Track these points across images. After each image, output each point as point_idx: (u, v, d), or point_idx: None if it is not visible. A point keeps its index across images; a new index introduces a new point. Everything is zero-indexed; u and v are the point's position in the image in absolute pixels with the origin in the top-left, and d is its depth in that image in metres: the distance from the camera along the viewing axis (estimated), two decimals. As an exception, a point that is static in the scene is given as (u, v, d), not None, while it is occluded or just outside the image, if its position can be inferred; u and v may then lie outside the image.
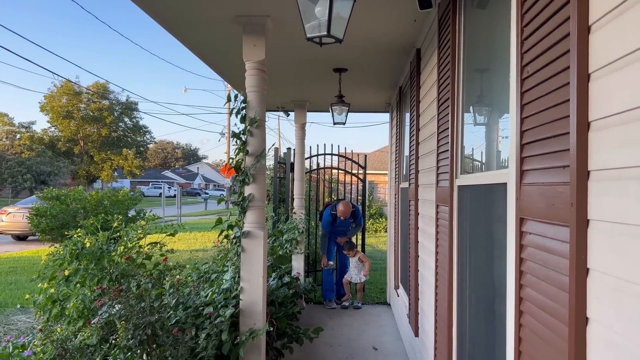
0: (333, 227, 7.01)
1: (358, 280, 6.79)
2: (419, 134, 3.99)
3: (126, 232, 4.09)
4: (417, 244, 4.00)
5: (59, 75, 33.94)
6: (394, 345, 5.09)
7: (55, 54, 50.50)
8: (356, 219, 7.14)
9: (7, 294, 7.66)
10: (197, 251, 12.36)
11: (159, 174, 70.34)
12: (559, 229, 1.29)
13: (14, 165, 37.41)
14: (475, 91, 2.62)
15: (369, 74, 5.21)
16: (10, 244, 14.64)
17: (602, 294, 1.11)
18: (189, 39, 4.00)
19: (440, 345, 2.90)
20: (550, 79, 1.35)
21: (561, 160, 1.27)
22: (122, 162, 42.26)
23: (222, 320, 3.15)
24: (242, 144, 3.36)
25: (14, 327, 5.76)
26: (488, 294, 2.24)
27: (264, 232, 3.38)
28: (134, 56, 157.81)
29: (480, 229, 2.40)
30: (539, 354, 1.42)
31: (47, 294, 3.87)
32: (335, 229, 7.07)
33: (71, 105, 39.45)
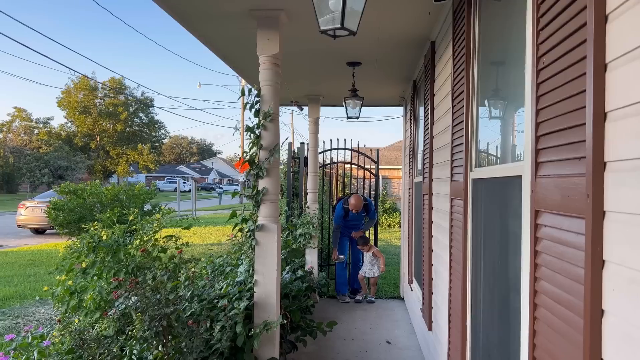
0: (345, 221, 6.96)
1: (372, 275, 6.79)
2: (433, 128, 3.97)
3: (142, 226, 4.14)
4: (431, 238, 3.99)
5: (75, 71, 34.52)
6: (407, 339, 5.09)
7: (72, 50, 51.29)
8: (369, 212, 7.09)
9: (26, 286, 7.80)
10: (211, 245, 12.46)
11: (174, 168, 70.95)
12: (575, 221, 1.27)
13: (32, 160, 38.04)
14: (491, 83, 2.60)
15: (382, 67, 5.19)
16: (29, 237, 14.90)
17: (618, 286, 1.10)
18: (203, 33, 4.02)
19: (454, 339, 2.90)
20: (567, 70, 1.34)
21: (577, 151, 1.26)
22: (138, 157, 42.72)
23: (236, 313, 3.18)
24: (255, 138, 3.37)
25: (33, 318, 5.87)
26: (502, 287, 2.23)
27: (277, 226, 3.40)
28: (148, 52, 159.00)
29: (495, 222, 2.39)
30: (554, 346, 1.41)
31: (65, 286, 3.93)
32: (348, 224, 7.01)
33: (87, 101, 39.94)
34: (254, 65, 3.51)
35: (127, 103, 41.99)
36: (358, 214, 6.98)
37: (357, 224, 7.10)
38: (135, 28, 74.41)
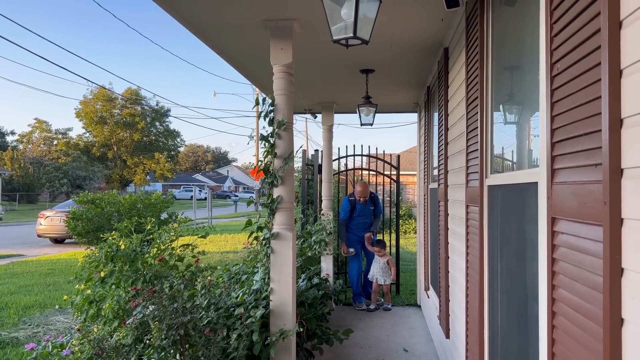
0: (353, 215, 6.78)
1: (384, 283, 6.65)
2: (448, 134, 3.96)
3: (159, 235, 4.18)
4: (447, 245, 3.96)
5: (92, 82, 34.89)
6: (424, 346, 5.05)
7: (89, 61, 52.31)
8: (376, 207, 6.93)
9: (46, 295, 7.91)
10: (227, 253, 12.52)
11: (190, 177, 71.56)
12: (592, 228, 1.26)
13: (51, 171, 38.69)
14: (505, 89, 2.58)
15: (396, 74, 5.19)
16: (49, 246, 15.12)
17: (637, 294, 1.09)
18: (217, 44, 4.06)
19: (472, 347, 2.87)
20: (581, 76, 1.33)
21: (593, 158, 1.25)
22: (154, 166, 43.22)
23: (252, 321, 3.19)
24: (270, 146, 3.40)
25: (53, 327, 5.95)
26: (520, 295, 2.20)
27: (292, 234, 3.41)
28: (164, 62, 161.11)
29: (511, 229, 2.37)
30: (573, 355, 1.39)
31: (84, 295, 3.98)
32: (355, 220, 6.82)
33: (105, 111, 40.57)
34: (268, 74, 3.54)
35: (144, 113, 42.55)
36: (366, 207, 6.77)
37: (365, 221, 6.86)
38: (150, 39, 75.53)
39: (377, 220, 7.02)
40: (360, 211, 6.80)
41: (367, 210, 6.83)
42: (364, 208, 6.79)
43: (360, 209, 6.79)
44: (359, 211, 6.80)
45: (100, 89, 38.47)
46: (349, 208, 6.79)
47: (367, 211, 6.83)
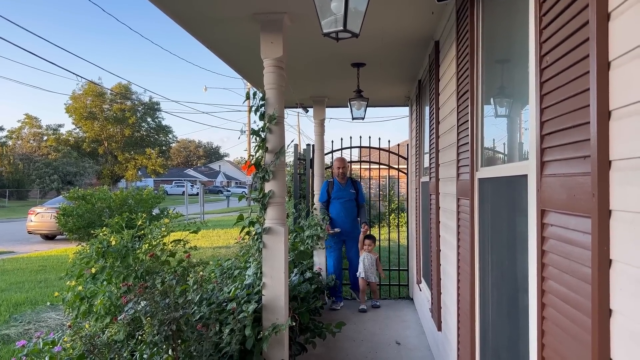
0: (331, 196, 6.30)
1: (374, 280, 6.38)
2: (439, 127, 3.96)
3: (150, 230, 4.16)
4: (439, 238, 3.98)
5: (82, 77, 34.57)
6: (417, 339, 5.08)
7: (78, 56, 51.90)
8: (358, 193, 6.42)
9: (37, 291, 7.87)
10: (220, 248, 12.50)
11: (182, 172, 71.28)
12: (581, 220, 1.27)
13: (41, 167, 38.38)
14: (495, 82, 2.59)
15: (387, 68, 5.19)
16: (40, 243, 15.03)
17: (625, 285, 1.10)
18: (207, 38, 4.04)
19: (463, 339, 2.89)
20: (570, 68, 1.33)
21: (582, 150, 1.26)
22: (146, 162, 42.97)
23: (245, 316, 3.19)
24: (261, 141, 3.38)
25: (44, 323, 5.92)
26: (510, 287, 2.22)
27: (284, 228, 3.40)
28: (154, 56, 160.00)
29: (502, 221, 2.38)
30: (562, 346, 1.40)
31: (75, 292, 3.97)
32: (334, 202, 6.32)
33: (94, 106, 40.24)
34: (259, 68, 3.53)
35: (135, 108, 42.25)
36: (345, 188, 6.29)
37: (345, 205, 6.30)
38: (140, 33, 74.88)
39: (362, 210, 6.52)
40: (338, 191, 6.32)
41: (346, 192, 6.32)
42: (342, 188, 6.32)
43: (338, 188, 6.32)
44: (336, 191, 6.32)
45: (90, 84, 38.12)
46: (326, 188, 6.37)
47: (347, 193, 6.32)
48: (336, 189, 6.31)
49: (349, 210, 6.35)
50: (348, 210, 6.34)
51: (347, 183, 6.36)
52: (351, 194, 6.34)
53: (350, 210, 6.37)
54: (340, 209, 6.32)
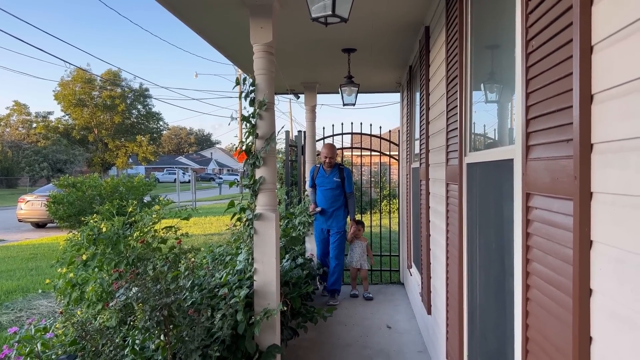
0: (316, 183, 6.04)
1: (365, 267, 6.28)
2: (429, 113, 3.98)
3: (141, 217, 4.16)
4: (429, 223, 4.01)
5: (71, 64, 34.17)
6: (407, 323, 5.14)
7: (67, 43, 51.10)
8: (345, 182, 5.97)
9: (28, 279, 7.85)
10: (212, 235, 12.51)
11: (173, 159, 70.93)
12: (564, 202, 1.29)
13: (30, 154, 38.02)
14: (484, 68, 2.60)
15: (377, 53, 5.18)
16: (30, 231, 14.95)
17: (605, 266, 1.12)
18: (196, 23, 4.00)
19: (452, 322, 2.93)
20: (554, 53, 1.34)
21: (565, 134, 1.27)
22: (137, 149, 42.68)
23: (236, 301, 3.21)
24: (251, 127, 3.38)
25: (37, 311, 5.93)
26: (497, 269, 2.25)
27: (275, 214, 3.42)
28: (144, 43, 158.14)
29: (490, 206, 2.41)
30: (545, 326, 1.44)
31: (66, 279, 3.97)
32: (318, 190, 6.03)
33: (84, 93, 39.79)
34: (249, 54, 3.50)
35: (124, 95, 41.83)
36: (329, 176, 5.92)
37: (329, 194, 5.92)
38: (130, 19, 73.76)
39: (350, 201, 6.04)
40: (320, 178, 5.99)
41: (328, 180, 5.92)
42: (324, 175, 5.96)
43: (322, 175, 5.97)
44: (319, 178, 6.00)
45: (79, 70, 37.64)
46: (312, 175, 6.11)
47: (329, 181, 5.92)
48: (319, 176, 6.01)
49: (330, 200, 5.94)
50: (329, 200, 5.94)
51: (333, 170, 5.95)
52: (335, 182, 5.91)
53: (333, 199, 5.94)
54: (321, 197, 6.02)
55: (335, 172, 5.94)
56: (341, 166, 6.04)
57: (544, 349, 1.44)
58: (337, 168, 5.98)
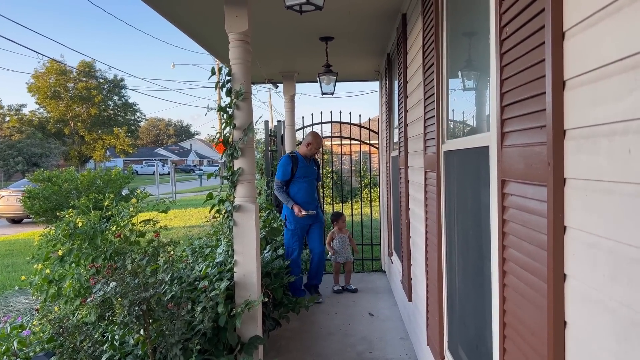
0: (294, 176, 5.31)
1: (349, 259, 6.07)
2: (407, 101, 3.98)
3: (118, 211, 4.10)
4: (408, 211, 4.03)
5: (44, 55, 33.26)
6: (389, 310, 5.19)
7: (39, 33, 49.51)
8: (318, 170, 5.70)
9: (4, 276, 7.70)
10: (192, 227, 12.42)
11: (152, 151, 70.04)
12: (538, 188, 1.30)
13: (4, 149, 37.13)
14: (461, 55, 2.60)
15: (355, 41, 5.15)
16: (6, 227, 14.65)
17: (578, 251, 1.13)
18: (170, 12, 3.92)
19: (432, 308, 2.96)
20: (527, 39, 1.34)
21: (538, 120, 1.28)
22: (114, 141, 41.99)
23: (217, 293, 3.19)
24: (228, 117, 3.34)
25: (13, 308, 5.81)
26: (475, 256, 2.27)
27: (255, 206, 3.39)
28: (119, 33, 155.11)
29: (467, 193, 2.42)
30: (521, 311, 1.45)
31: (42, 275, 3.90)
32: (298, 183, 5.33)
33: (58, 85, 38.92)
34: (225, 43, 3.45)
35: (100, 86, 41.03)
36: (310, 166, 5.41)
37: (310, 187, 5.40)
38: (103, 9, 72.13)
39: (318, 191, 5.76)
40: (304, 171, 5.36)
41: (311, 171, 5.46)
42: (307, 166, 5.40)
43: (304, 168, 5.36)
44: (302, 170, 5.34)
45: (52, 62, 36.75)
46: (290, 166, 5.30)
47: (312, 172, 5.47)
48: (302, 166, 5.36)
49: (313, 191, 5.53)
50: (313, 191, 5.52)
51: (311, 159, 5.56)
52: (314, 172, 5.56)
53: (314, 190, 5.58)
54: (306, 189, 5.39)
55: (312, 162, 5.57)
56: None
57: (521, 333, 1.45)
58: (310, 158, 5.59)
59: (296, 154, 5.45)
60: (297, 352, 4.15)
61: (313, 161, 5.57)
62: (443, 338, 2.77)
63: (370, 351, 4.12)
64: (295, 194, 5.34)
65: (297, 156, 5.41)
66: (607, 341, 1.02)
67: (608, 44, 0.99)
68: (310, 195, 5.41)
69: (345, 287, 6.01)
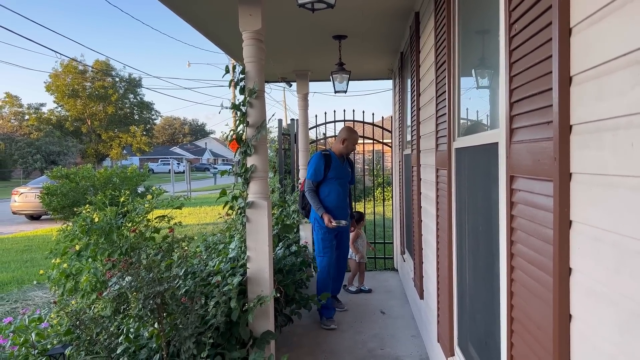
0: (327, 177, 4.71)
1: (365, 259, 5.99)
2: (420, 99, 3.98)
3: (133, 207, 4.17)
4: (420, 209, 4.04)
5: (62, 54, 33.73)
6: (401, 308, 5.19)
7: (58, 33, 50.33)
8: (352, 171, 5.14)
9: (23, 271, 7.86)
10: (206, 224, 12.53)
11: (168, 150, 70.70)
12: (545, 184, 1.31)
13: (23, 146, 37.80)
14: (472, 53, 2.60)
15: (368, 40, 5.16)
16: (25, 223, 14.91)
17: (583, 245, 1.15)
18: (186, 12, 3.98)
19: (443, 305, 2.97)
20: (536, 36, 1.36)
21: (545, 116, 1.29)
22: (130, 140, 42.49)
23: (230, 288, 3.23)
24: (242, 115, 3.38)
25: (32, 302, 5.94)
26: (485, 252, 2.28)
27: (267, 202, 3.43)
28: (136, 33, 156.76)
29: (477, 190, 2.43)
30: (528, 306, 1.46)
31: (60, 269, 3.98)
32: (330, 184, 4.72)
33: (76, 84, 39.48)
34: (239, 42, 3.49)
35: (116, 85, 41.53)
36: (344, 167, 4.85)
37: (343, 189, 4.83)
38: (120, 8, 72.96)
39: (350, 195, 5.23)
40: (338, 171, 4.75)
41: (345, 172, 4.87)
42: (341, 166, 4.82)
43: (338, 168, 4.76)
44: (336, 171, 4.73)
45: (71, 61, 37.28)
46: (323, 165, 4.71)
47: (346, 173, 4.89)
48: (335, 165, 4.75)
49: (346, 194, 4.95)
50: (346, 194, 4.93)
51: (346, 161, 4.97)
52: (349, 174, 4.97)
53: (347, 194, 4.98)
54: (338, 192, 4.77)
55: (346, 162, 4.98)
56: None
57: (527, 328, 1.47)
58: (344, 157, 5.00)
59: (329, 152, 4.84)
60: (308, 348, 4.19)
61: (347, 161, 4.99)
62: (453, 334, 2.78)
63: (382, 348, 4.13)
64: (325, 197, 4.74)
65: (331, 154, 4.80)
66: (610, 333, 1.03)
67: (612, 40, 1.00)
68: (342, 199, 4.79)
69: (359, 287, 5.96)
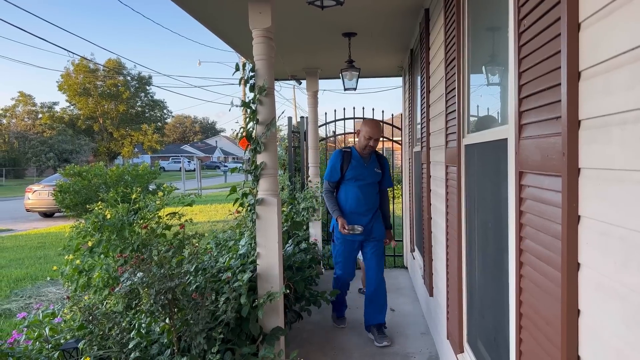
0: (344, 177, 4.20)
1: None
2: (429, 96, 3.98)
3: (145, 204, 4.21)
4: (430, 206, 4.03)
5: (74, 53, 33.99)
6: (410, 306, 5.19)
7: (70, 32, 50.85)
8: (384, 174, 4.33)
9: (37, 267, 7.96)
10: (217, 222, 12.60)
11: (179, 148, 71.13)
12: (553, 179, 1.31)
13: (36, 145, 38.27)
14: (482, 49, 2.60)
15: (378, 37, 5.16)
16: (38, 220, 15.10)
17: (591, 239, 1.15)
18: (196, 11, 4.00)
19: (452, 302, 2.97)
20: (544, 31, 1.35)
21: (554, 111, 1.29)
22: (142, 138, 42.80)
23: (240, 285, 3.26)
24: (252, 112, 3.40)
25: (45, 298, 6.02)
26: (494, 249, 2.28)
27: (277, 199, 3.45)
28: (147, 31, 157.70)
29: (487, 186, 2.43)
30: (537, 301, 1.46)
31: (73, 265, 4.04)
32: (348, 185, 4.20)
33: (88, 83, 39.84)
34: (249, 40, 3.51)
35: (127, 83, 41.85)
36: (368, 166, 4.20)
37: (364, 191, 4.18)
38: (131, 7, 73.45)
39: (385, 201, 4.45)
40: (358, 168, 4.19)
41: (369, 172, 4.21)
42: (364, 166, 4.21)
43: (358, 168, 4.19)
44: (354, 171, 4.18)
45: (81, 60, 37.62)
46: (339, 163, 4.21)
47: (370, 174, 4.22)
48: (355, 165, 4.20)
49: (369, 199, 4.23)
50: (369, 199, 4.23)
51: (372, 158, 4.29)
52: (376, 175, 4.26)
53: (372, 198, 4.26)
54: (357, 196, 4.19)
55: (375, 161, 4.29)
56: (379, 153, 4.43)
57: (536, 323, 1.47)
58: (375, 155, 4.33)
59: (351, 149, 4.29)
60: (318, 345, 4.20)
61: (376, 159, 4.31)
62: (462, 331, 2.78)
63: (391, 346, 4.14)
64: (342, 200, 4.26)
65: (352, 152, 4.25)
66: (618, 327, 1.03)
67: (620, 34, 1.00)
68: (362, 204, 4.19)
69: None
